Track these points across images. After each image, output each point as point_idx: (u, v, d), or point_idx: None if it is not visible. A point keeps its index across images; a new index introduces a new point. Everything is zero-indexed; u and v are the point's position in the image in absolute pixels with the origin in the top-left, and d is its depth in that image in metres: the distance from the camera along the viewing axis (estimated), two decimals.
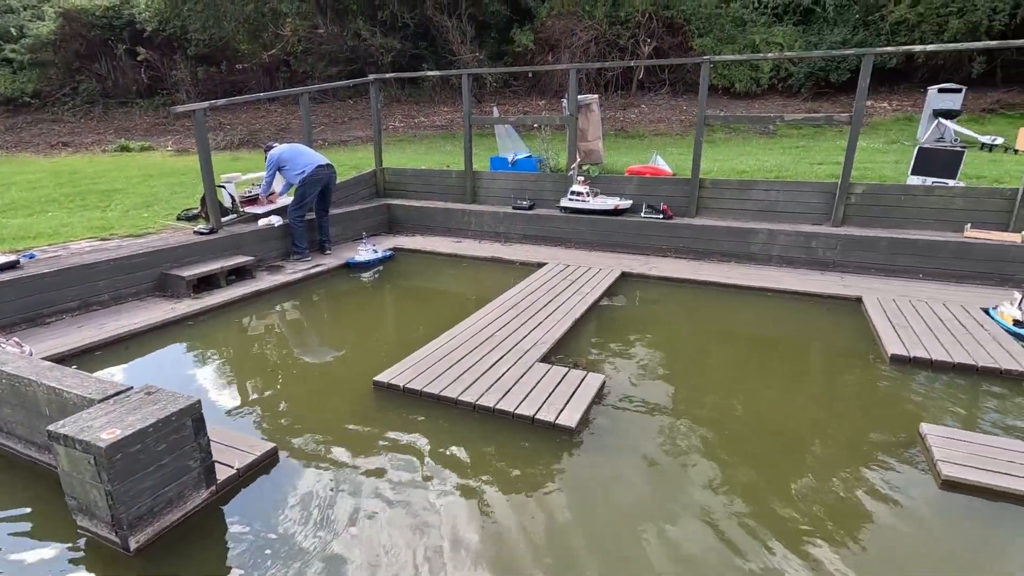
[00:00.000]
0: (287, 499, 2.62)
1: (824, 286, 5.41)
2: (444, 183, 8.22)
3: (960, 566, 2.23)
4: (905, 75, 14.70)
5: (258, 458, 2.83)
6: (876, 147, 9.75)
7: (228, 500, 2.62)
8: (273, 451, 2.92)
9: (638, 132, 14.01)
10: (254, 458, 2.81)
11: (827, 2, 14.88)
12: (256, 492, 2.68)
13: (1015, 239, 5.27)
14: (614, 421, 3.27)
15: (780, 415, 3.36)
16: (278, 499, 2.62)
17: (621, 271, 5.96)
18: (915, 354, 3.86)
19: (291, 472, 2.83)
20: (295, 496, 2.64)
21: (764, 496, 2.64)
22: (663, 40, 16.00)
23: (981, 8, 12.79)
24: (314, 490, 2.68)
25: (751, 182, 6.58)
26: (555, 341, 4.24)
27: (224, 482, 2.65)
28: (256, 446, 2.91)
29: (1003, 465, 2.69)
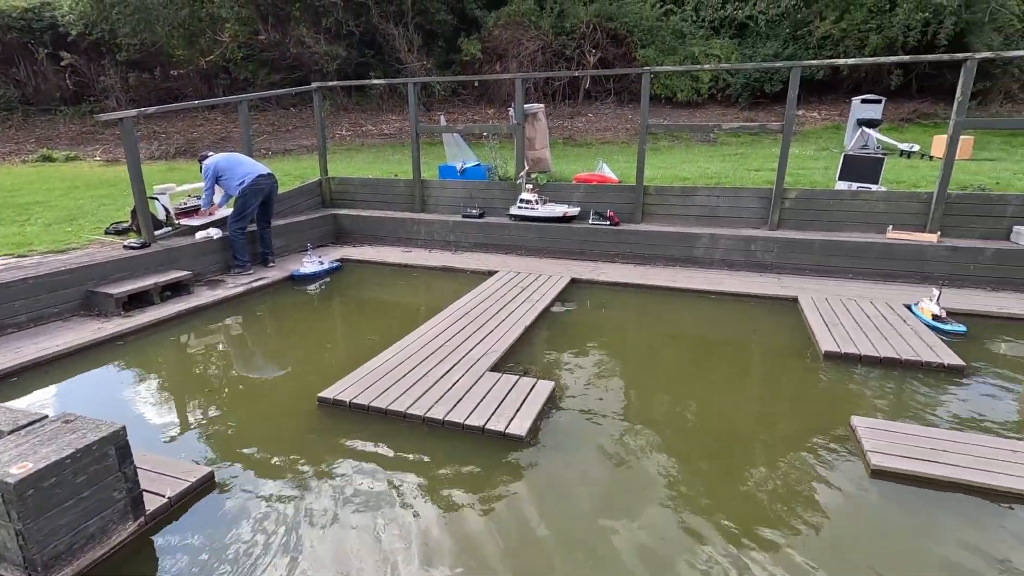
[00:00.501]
0: (224, 527, 2.49)
1: (763, 287, 5.63)
2: (392, 192, 8.12)
3: (891, 550, 2.34)
4: (832, 87, 15.61)
5: (193, 484, 2.68)
6: (808, 154, 10.29)
7: (159, 531, 2.46)
8: (209, 476, 2.77)
9: (586, 140, 14.27)
10: (188, 485, 2.66)
11: (760, 17, 15.65)
12: (190, 521, 2.53)
13: (931, 239, 5.66)
14: (566, 426, 3.28)
15: (725, 412, 3.46)
16: (214, 527, 2.49)
17: (571, 277, 6.02)
18: (846, 350, 4.07)
19: (229, 498, 2.69)
20: (232, 523, 2.51)
21: (714, 490, 2.71)
22: (608, 50, 16.40)
23: (896, 26, 13.75)
24: (254, 516, 2.56)
25: (693, 188, 6.81)
26: (506, 349, 4.23)
27: (154, 512, 2.49)
28: (191, 472, 2.76)
29: (926, 452, 2.85)
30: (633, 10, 16.13)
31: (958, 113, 5.50)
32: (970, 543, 2.37)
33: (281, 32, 15.97)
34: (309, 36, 15.55)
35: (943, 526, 2.48)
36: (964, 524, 2.48)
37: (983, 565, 2.26)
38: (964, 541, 2.38)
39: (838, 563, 2.26)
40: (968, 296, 5.24)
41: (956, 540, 2.39)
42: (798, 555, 2.30)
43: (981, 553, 2.31)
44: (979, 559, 2.28)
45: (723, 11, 16.17)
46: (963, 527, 2.46)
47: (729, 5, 16.09)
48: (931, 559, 2.30)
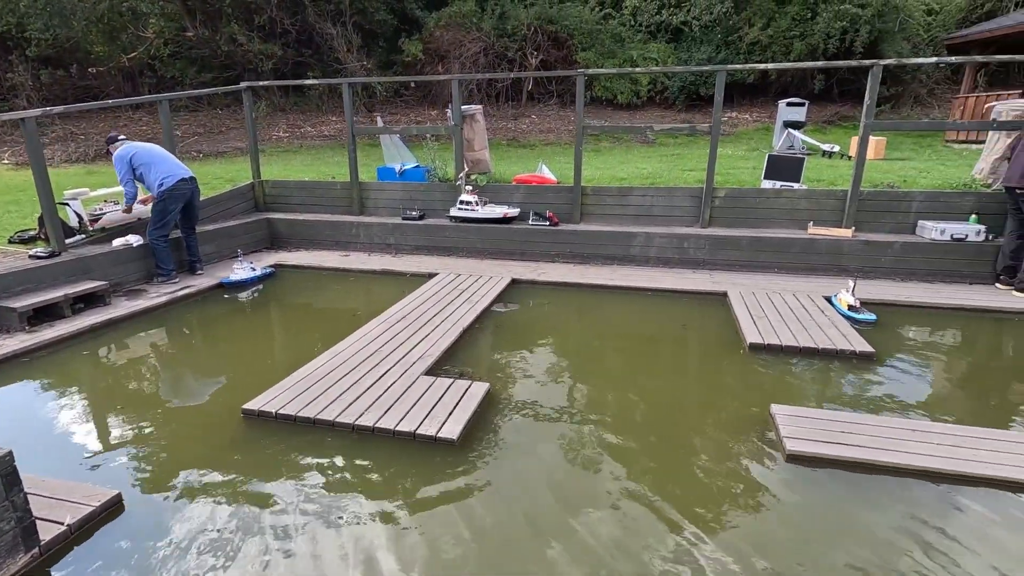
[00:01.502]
0: (132, 554, 2.34)
1: (696, 283, 5.82)
2: (330, 195, 7.91)
3: (809, 530, 2.45)
4: (762, 90, 16.35)
5: (97, 509, 2.50)
6: (739, 154, 10.72)
7: (57, 562, 2.29)
8: (116, 499, 2.59)
9: (529, 142, 14.38)
10: (92, 510, 2.48)
11: (693, 23, 16.21)
12: (93, 550, 2.36)
13: (847, 234, 6.01)
14: (501, 426, 3.27)
15: (657, 405, 3.55)
16: (120, 554, 2.33)
17: (511, 278, 6.04)
18: (769, 341, 4.26)
19: (139, 522, 2.53)
20: (141, 550, 2.36)
21: (647, 481, 2.76)
22: (549, 53, 16.58)
23: (818, 33, 14.55)
24: (166, 540, 2.42)
25: (629, 188, 6.96)
26: (442, 352, 4.19)
27: (51, 542, 2.31)
28: (95, 495, 2.58)
29: (837, 436, 3.01)
30: (573, 13, 16.39)
31: (867, 116, 5.87)
32: (880, 519, 2.51)
33: (211, 29, 15.29)
34: (241, 34, 14.96)
35: (855, 504, 2.61)
36: (874, 501, 2.63)
37: (894, 537, 2.40)
38: (875, 518, 2.52)
39: (757, 543, 2.35)
40: (879, 286, 5.59)
41: (867, 517, 2.53)
42: (722, 537, 2.38)
43: (890, 527, 2.46)
44: (890, 532, 2.43)
45: (659, 16, 16.66)
46: (874, 505, 2.61)
47: (665, 11, 16.59)
48: (843, 536, 2.42)
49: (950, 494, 2.67)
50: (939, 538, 2.39)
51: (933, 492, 2.69)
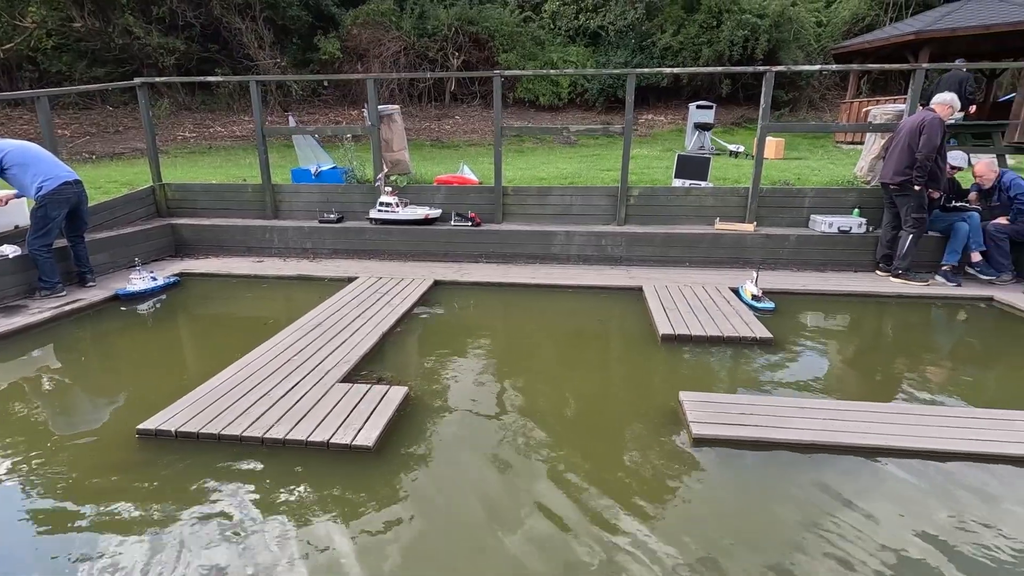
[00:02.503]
0: None
1: (614, 279, 6.02)
2: (240, 198, 7.51)
3: (724, 507, 2.59)
4: (675, 93, 17.18)
5: None
6: (655, 155, 11.20)
7: None
8: None
9: (452, 142, 14.32)
10: None
11: (610, 28, 16.78)
12: None
13: (749, 229, 6.43)
14: (422, 430, 3.23)
15: (575, 398, 3.63)
16: None
17: (434, 279, 5.99)
18: (679, 332, 4.48)
19: (5, 563, 2.29)
20: None
21: (573, 475, 2.81)
22: (471, 54, 16.61)
23: (723, 41, 15.48)
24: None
25: (549, 188, 7.10)
26: (360, 358, 4.09)
27: None
28: None
29: (738, 418, 3.21)
30: (493, 15, 16.51)
31: (763, 118, 6.30)
32: (782, 491, 2.70)
33: (103, 20, 14.10)
34: (137, 26, 13.91)
35: (758, 480, 2.80)
36: (774, 475, 2.82)
37: (796, 506, 2.58)
38: (777, 490, 2.71)
39: (682, 524, 2.46)
40: (778, 276, 6.02)
41: (771, 490, 2.71)
42: (650, 522, 2.47)
43: (791, 497, 2.65)
44: (792, 502, 2.61)
45: (577, 21, 17.12)
46: (775, 478, 2.80)
47: (582, 15, 17.07)
48: (754, 509, 2.58)
49: (836, 463, 2.91)
50: (832, 503, 2.61)
51: (824, 463, 2.92)
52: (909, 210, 5.68)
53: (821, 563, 2.27)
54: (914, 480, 2.79)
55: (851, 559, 2.29)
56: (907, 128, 5.64)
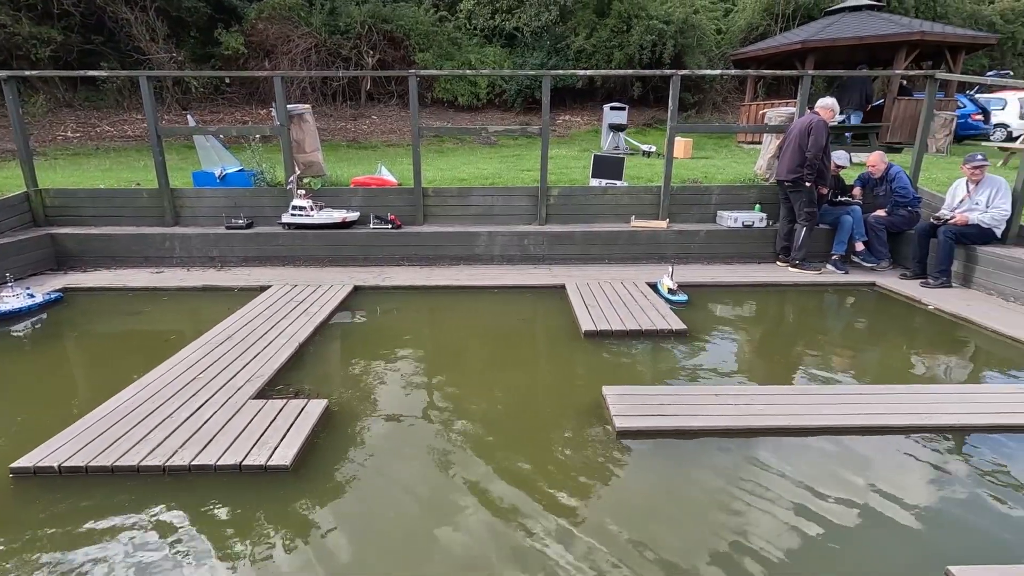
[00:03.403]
0: None
1: (537, 278, 6.09)
2: (134, 204, 6.89)
3: (653, 495, 2.67)
4: (590, 95, 17.65)
5: None
6: (572, 155, 11.44)
7: None
8: None
9: (370, 143, 13.94)
10: None
11: (524, 29, 16.97)
12: None
13: (663, 225, 6.72)
14: (345, 443, 3.10)
15: (501, 398, 3.62)
16: None
17: (354, 285, 5.78)
18: (601, 327, 4.59)
19: None
20: None
21: (504, 477, 2.80)
22: (386, 53, 16.23)
23: (633, 45, 16.09)
24: None
25: (470, 189, 7.06)
26: (275, 371, 3.86)
27: None
28: None
29: (658, 409, 3.33)
30: (408, 14, 16.22)
31: (671, 120, 6.61)
32: (703, 477, 2.82)
33: None
34: (4, 13, 12.41)
35: (681, 466, 2.91)
36: (694, 461, 2.94)
37: (715, 492, 2.70)
38: (698, 475, 2.83)
39: (614, 515, 2.50)
40: (691, 270, 6.34)
41: (694, 475, 2.82)
42: (583, 516, 2.49)
43: (711, 483, 2.77)
44: (711, 488, 2.73)
45: (493, 21, 17.17)
46: (695, 464, 2.92)
47: (498, 16, 17.14)
48: (681, 494, 2.67)
49: (750, 445, 3.09)
50: (748, 482, 2.76)
51: (740, 445, 3.09)
52: (802, 205, 6.16)
53: (743, 536, 2.40)
54: (819, 455, 3.01)
55: (770, 529, 2.43)
56: (797, 129, 6.12)
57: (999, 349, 4.43)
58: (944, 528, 2.49)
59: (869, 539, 2.42)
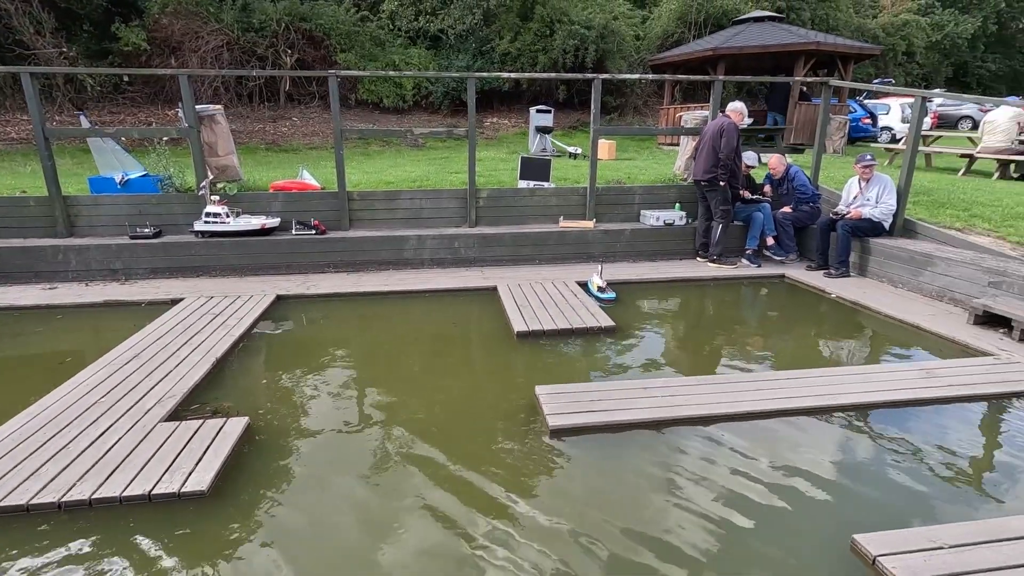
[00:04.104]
0: None
1: (468, 281, 6.05)
2: (20, 214, 6.23)
3: (581, 492, 2.70)
4: (517, 97, 17.84)
5: None
6: (501, 157, 11.50)
7: None
8: None
9: (291, 145, 13.40)
10: None
11: (450, 32, 16.90)
12: None
13: (590, 225, 6.88)
14: (269, 463, 2.93)
15: (440, 404, 3.56)
16: None
17: (276, 295, 5.51)
18: (533, 328, 4.63)
19: None
20: None
21: (440, 480, 2.74)
22: (306, 52, 15.65)
23: (556, 49, 16.41)
24: None
25: (397, 192, 6.92)
26: (188, 390, 3.60)
27: None
28: None
29: (589, 405, 3.39)
30: (327, 13, 15.72)
31: (594, 122, 6.78)
32: (636, 468, 2.89)
33: None
34: None
35: (614, 460, 2.97)
36: (627, 454, 3.01)
37: (648, 482, 2.77)
38: (633, 467, 2.89)
39: (556, 512, 2.50)
40: (618, 268, 6.53)
41: (627, 469, 2.89)
42: (525, 516, 2.48)
43: (644, 473, 2.84)
44: (644, 479, 2.80)
45: (417, 22, 16.99)
46: (628, 456, 2.99)
47: (422, 18, 16.98)
48: (616, 487, 2.72)
49: (679, 434, 3.21)
50: (679, 468, 2.86)
51: (669, 435, 3.20)
52: (717, 203, 6.50)
53: (672, 523, 2.48)
54: (740, 439, 3.17)
55: (699, 512, 2.53)
56: (710, 132, 6.45)
57: (892, 331, 4.87)
58: (850, 500, 2.70)
59: (782, 516, 2.58)
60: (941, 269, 5.36)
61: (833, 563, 2.29)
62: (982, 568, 2.14)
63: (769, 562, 2.31)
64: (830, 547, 2.37)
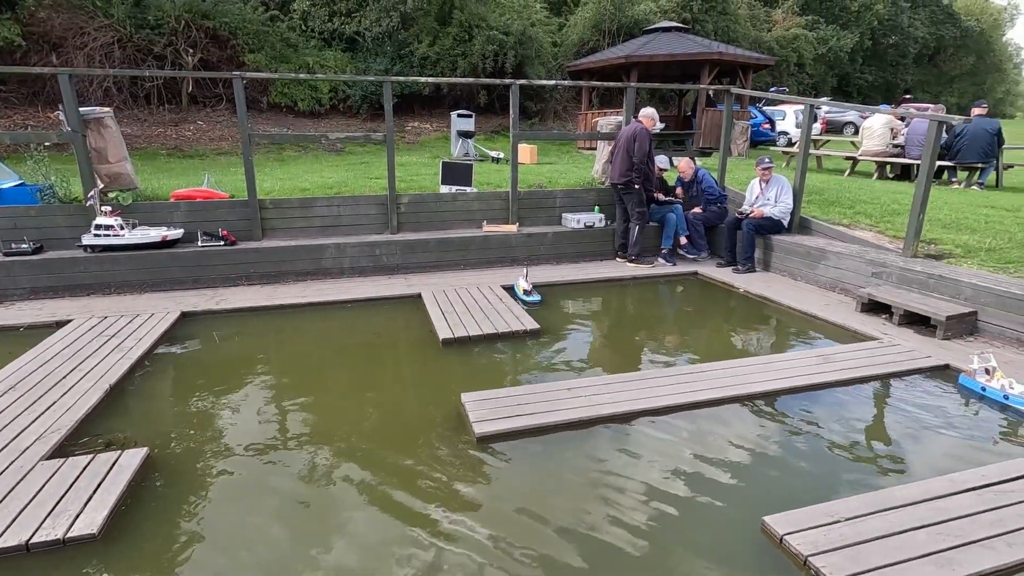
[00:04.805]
0: None
1: (392, 289, 5.91)
2: None
3: (512, 497, 2.68)
4: (438, 102, 17.73)
5: None
6: (423, 162, 11.36)
7: None
8: None
9: (197, 151, 12.57)
10: None
11: (366, 34, 16.52)
12: None
13: (513, 229, 6.93)
14: (176, 495, 2.69)
15: (365, 417, 3.44)
16: None
17: (181, 312, 5.12)
18: (458, 334, 4.58)
19: None
20: None
21: (369, 495, 2.63)
22: (210, 52, 14.76)
23: (476, 54, 16.47)
24: None
25: (313, 199, 6.65)
26: (76, 422, 3.26)
27: None
28: None
29: (516, 409, 3.40)
30: (233, 11, 14.90)
31: (513, 127, 6.84)
32: (565, 469, 2.91)
33: None
34: None
35: (543, 464, 2.98)
36: (558, 457, 3.03)
37: (577, 481, 2.79)
38: (561, 468, 2.91)
39: (488, 521, 2.46)
40: (542, 271, 6.61)
41: (555, 471, 2.90)
42: (458, 528, 2.41)
43: (573, 473, 2.86)
44: (573, 478, 2.82)
45: (331, 24, 16.47)
46: (558, 459, 3.01)
47: (336, 19, 16.48)
48: (549, 490, 2.72)
49: (604, 432, 3.28)
50: (605, 465, 2.91)
51: (594, 434, 3.26)
52: (633, 205, 6.75)
53: (603, 518, 2.52)
54: (661, 433, 3.29)
55: (624, 506, 2.59)
56: (624, 137, 6.69)
57: (793, 321, 5.24)
58: (761, 483, 2.86)
59: (701, 504, 2.70)
60: (832, 262, 5.85)
61: (748, 545, 2.41)
62: (873, 536, 2.33)
63: (692, 549, 2.40)
64: (744, 530, 2.50)
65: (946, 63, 37.39)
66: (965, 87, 37.86)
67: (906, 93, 30.24)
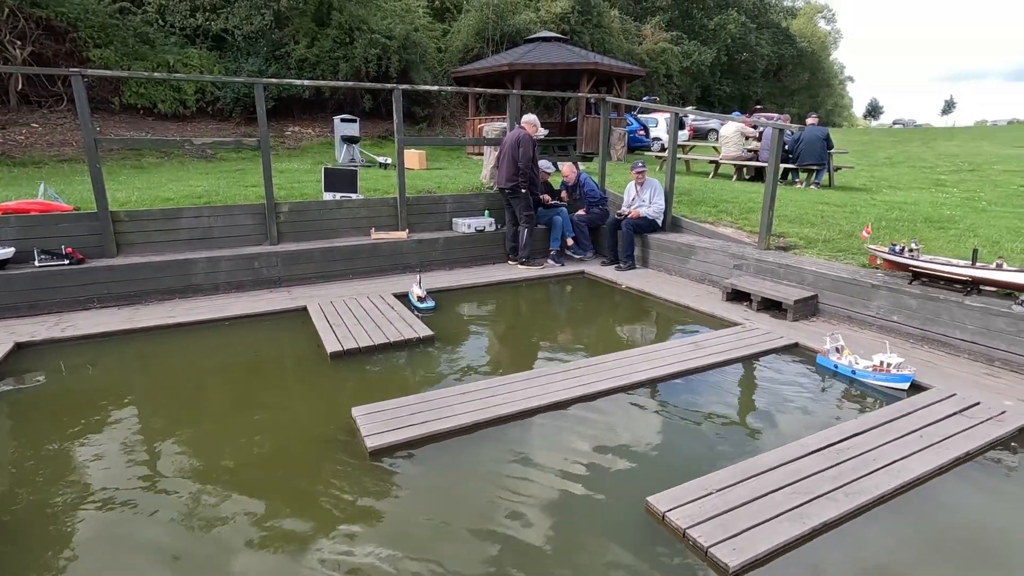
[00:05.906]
0: None
1: (274, 303, 5.56)
2: None
3: (412, 508, 2.61)
4: (320, 106, 16.97)
5: None
6: (305, 168, 10.83)
7: None
8: None
9: (32, 157, 11.01)
10: None
11: (236, 32, 15.41)
12: None
13: (403, 236, 6.82)
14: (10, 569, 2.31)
15: (251, 443, 3.20)
16: None
17: (15, 343, 4.44)
18: (347, 347, 4.41)
19: None
20: None
21: (263, 525, 2.41)
22: (44, 45, 13.01)
23: (358, 57, 15.99)
24: None
25: (178, 210, 6.08)
26: None
27: None
28: None
29: (409, 419, 3.33)
30: (72, 0, 13.20)
31: (398, 132, 6.74)
32: (463, 473, 2.89)
33: None
34: None
35: (440, 471, 2.94)
36: (454, 463, 3.01)
37: (477, 484, 2.78)
38: (459, 474, 2.88)
39: (387, 538, 2.36)
40: (435, 276, 6.56)
41: (453, 477, 2.87)
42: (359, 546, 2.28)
43: (472, 477, 2.85)
44: (472, 482, 2.80)
45: (194, 20, 15.18)
46: (455, 465, 2.98)
47: (199, 14, 15.22)
48: (439, 500, 2.67)
49: (500, 433, 3.31)
50: (504, 466, 2.93)
51: (490, 436, 3.28)
52: (521, 209, 6.93)
53: (510, 516, 2.54)
54: (553, 428, 3.39)
55: (521, 503, 2.63)
56: (508, 143, 6.85)
57: (670, 313, 5.66)
58: (645, 466, 3.05)
59: (592, 491, 2.82)
60: (701, 257, 6.41)
61: (636, 526, 2.56)
62: (740, 503, 2.58)
63: (586, 535, 2.50)
64: (631, 512, 2.65)
65: (787, 78, 42.48)
66: (804, 99, 43.28)
67: (757, 104, 34.00)
